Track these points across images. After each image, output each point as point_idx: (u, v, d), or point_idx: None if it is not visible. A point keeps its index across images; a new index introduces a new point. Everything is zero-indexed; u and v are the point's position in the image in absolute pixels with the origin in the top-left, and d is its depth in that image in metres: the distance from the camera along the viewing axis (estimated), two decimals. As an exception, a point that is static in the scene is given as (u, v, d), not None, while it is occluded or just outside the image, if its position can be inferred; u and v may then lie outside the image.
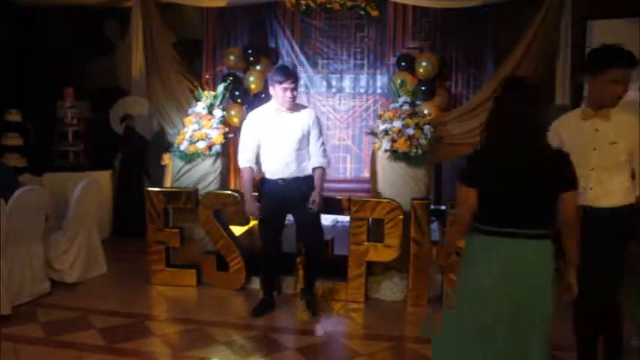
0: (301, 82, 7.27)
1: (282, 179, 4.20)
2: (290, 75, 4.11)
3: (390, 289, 4.70)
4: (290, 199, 4.18)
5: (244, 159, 4.28)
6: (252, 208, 4.21)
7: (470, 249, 2.61)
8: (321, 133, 4.32)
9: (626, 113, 3.03)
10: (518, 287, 2.46)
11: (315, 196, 4.17)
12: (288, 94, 4.10)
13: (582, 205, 2.89)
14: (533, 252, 2.48)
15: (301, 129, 4.20)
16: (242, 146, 4.29)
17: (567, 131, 3.03)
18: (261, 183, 4.35)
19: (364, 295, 4.65)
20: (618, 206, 2.94)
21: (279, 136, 4.19)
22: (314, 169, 4.25)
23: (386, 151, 5.19)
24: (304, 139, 4.22)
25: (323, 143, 4.33)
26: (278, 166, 4.21)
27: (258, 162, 4.29)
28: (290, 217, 4.41)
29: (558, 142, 2.97)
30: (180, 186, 5.35)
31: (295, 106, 4.25)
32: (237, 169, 6.82)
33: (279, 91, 4.11)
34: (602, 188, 2.94)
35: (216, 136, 5.41)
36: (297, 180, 4.20)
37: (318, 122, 4.33)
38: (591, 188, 2.94)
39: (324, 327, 4.12)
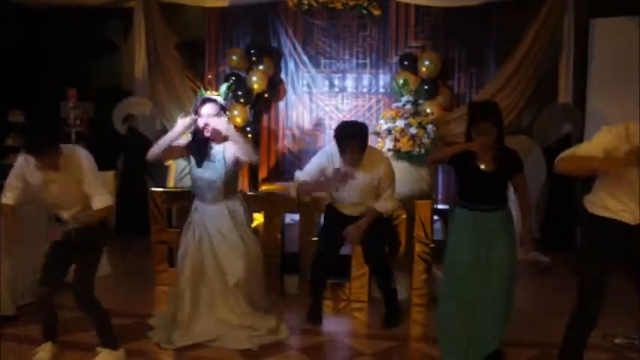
0: (304, 81, 7.28)
1: (346, 215, 4.03)
2: (347, 137, 3.75)
3: (394, 289, 4.70)
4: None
5: (302, 174, 4.01)
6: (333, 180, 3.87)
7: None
8: (392, 182, 3.97)
9: None
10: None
11: (351, 228, 3.90)
12: (347, 157, 3.78)
13: None
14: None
15: (370, 183, 3.90)
16: (307, 166, 4.04)
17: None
18: (327, 206, 4.19)
19: (368, 295, 4.64)
20: None
21: (345, 194, 3.95)
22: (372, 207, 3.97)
23: (389, 150, 5.19)
24: (372, 190, 3.93)
25: (393, 191, 3.98)
26: (343, 205, 4.03)
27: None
28: (293, 217, 4.37)
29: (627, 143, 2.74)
30: (183, 186, 5.35)
31: (365, 159, 3.86)
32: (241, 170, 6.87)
33: (340, 150, 3.80)
34: None
35: (219, 136, 5.40)
36: (363, 214, 3.97)
37: (391, 172, 3.98)
38: None
39: (330, 326, 4.12)
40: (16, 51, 7.13)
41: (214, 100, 3.80)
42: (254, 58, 7.03)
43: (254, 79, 6.94)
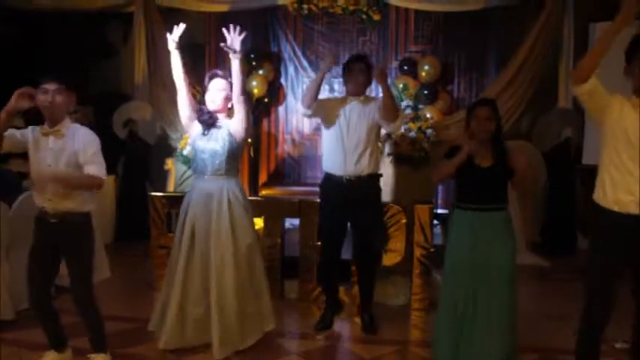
0: (304, 86, 7.30)
1: (343, 185, 3.89)
2: (353, 60, 3.99)
3: (394, 294, 4.69)
4: (351, 201, 3.89)
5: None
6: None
7: None
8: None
9: None
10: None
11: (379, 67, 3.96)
12: (353, 81, 3.91)
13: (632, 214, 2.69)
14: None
15: (371, 113, 3.90)
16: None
17: (621, 119, 2.78)
18: (322, 179, 4.09)
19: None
20: None
21: (345, 125, 3.90)
22: None
23: (389, 154, 5.20)
24: (375, 127, 3.93)
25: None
26: (338, 162, 3.91)
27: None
28: (293, 222, 4.35)
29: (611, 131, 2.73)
30: (183, 190, 5.35)
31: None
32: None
33: (346, 76, 3.97)
34: None
35: (219, 140, 5.41)
36: (359, 179, 3.88)
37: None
38: None
39: (330, 331, 4.12)
40: (16, 55, 7.13)
41: (224, 76, 3.76)
42: (254, 63, 7.04)
43: (254, 83, 6.95)
